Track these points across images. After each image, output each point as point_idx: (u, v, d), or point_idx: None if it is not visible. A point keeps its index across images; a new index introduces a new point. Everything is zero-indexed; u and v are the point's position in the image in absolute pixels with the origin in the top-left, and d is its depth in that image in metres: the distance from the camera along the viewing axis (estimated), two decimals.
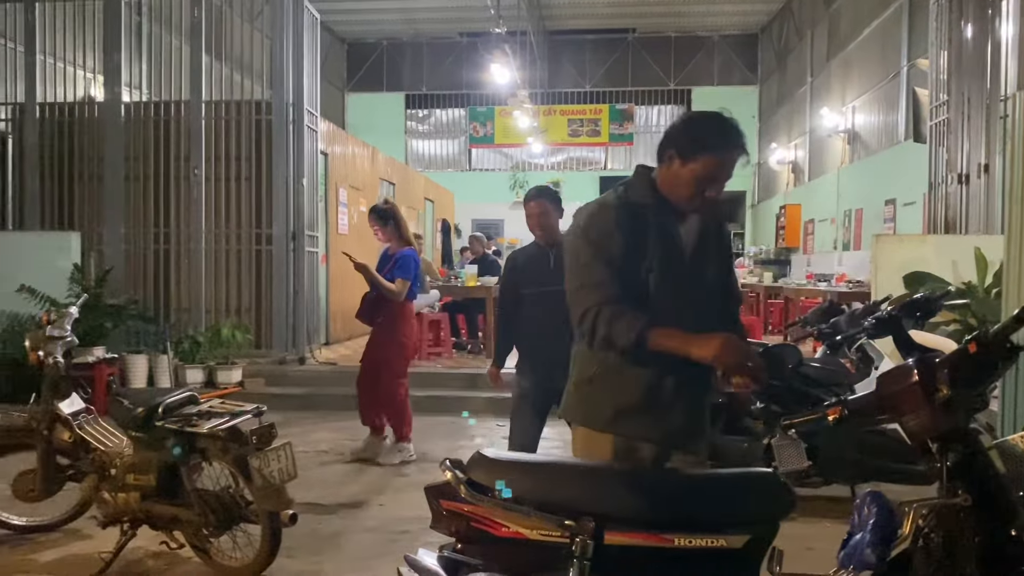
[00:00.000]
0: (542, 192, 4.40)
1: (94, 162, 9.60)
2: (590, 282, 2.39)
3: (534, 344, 4.32)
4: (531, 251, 4.48)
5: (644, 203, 2.44)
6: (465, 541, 2.18)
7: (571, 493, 2.12)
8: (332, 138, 11.28)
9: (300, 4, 9.26)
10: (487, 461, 2.21)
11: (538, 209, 4.31)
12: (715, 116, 2.44)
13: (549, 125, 21.34)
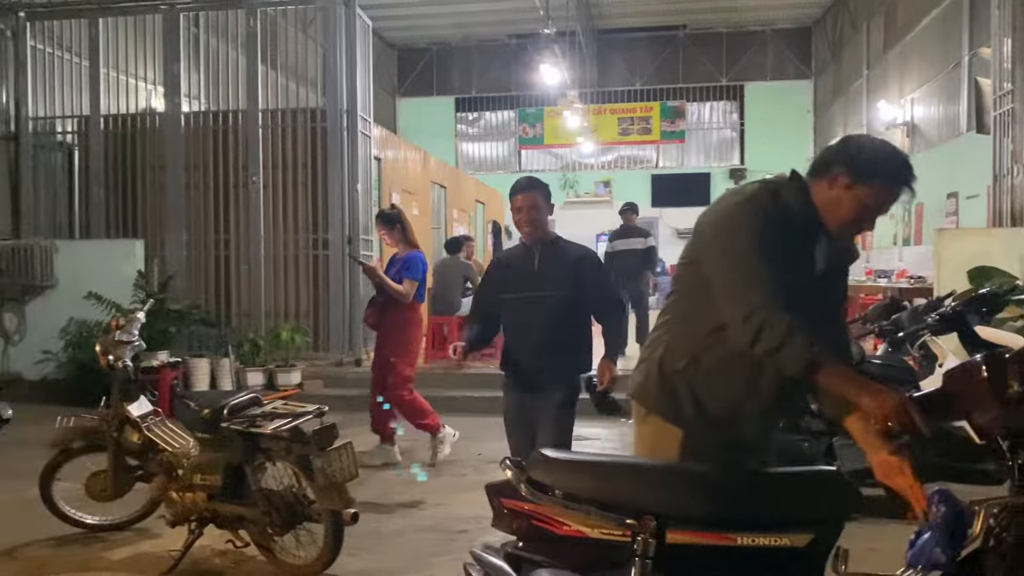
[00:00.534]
0: (533, 184, 3.86)
1: (156, 171, 9.87)
2: (753, 275, 2.19)
3: (519, 356, 3.86)
4: (517, 251, 3.99)
5: (797, 211, 2.31)
6: (526, 539, 2.19)
7: (632, 492, 2.12)
8: (385, 143, 11.41)
9: (352, 12, 9.40)
10: (547, 460, 2.23)
11: (528, 202, 3.77)
12: (894, 148, 2.34)
13: (599, 124, 21.28)
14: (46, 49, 10.05)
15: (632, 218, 10.48)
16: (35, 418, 6.45)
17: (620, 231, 10.43)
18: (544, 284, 3.73)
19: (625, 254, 10.25)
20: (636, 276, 10.17)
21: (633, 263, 10.18)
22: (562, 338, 3.77)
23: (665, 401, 2.42)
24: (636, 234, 10.37)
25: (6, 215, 9.69)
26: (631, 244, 10.20)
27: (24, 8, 9.70)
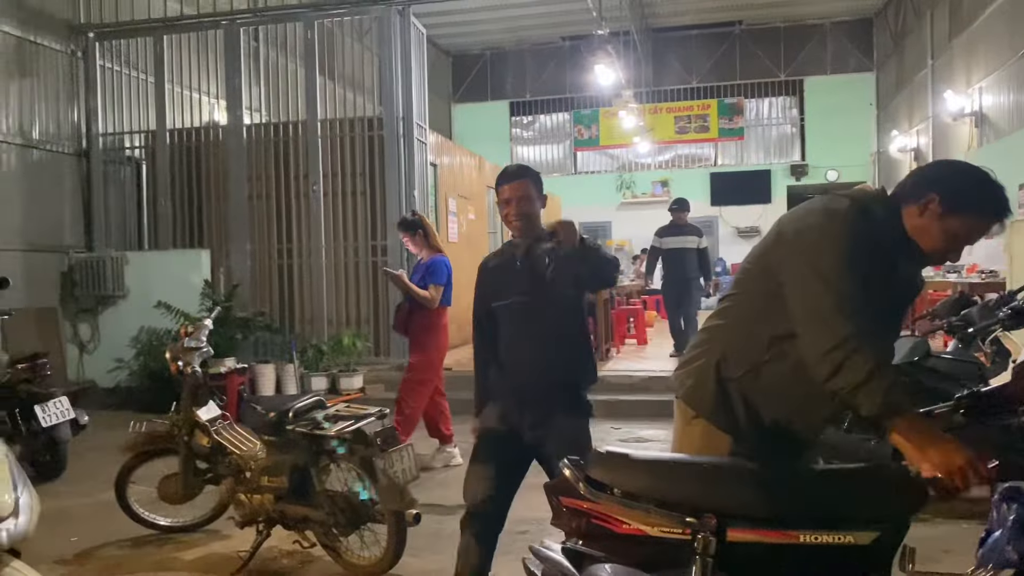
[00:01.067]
0: (524, 171, 3.26)
1: (220, 183, 10.14)
2: (844, 304, 2.11)
3: (508, 374, 3.24)
4: (504, 252, 3.38)
5: (887, 235, 2.24)
6: (585, 537, 2.20)
7: (692, 490, 2.11)
8: (440, 149, 11.52)
9: (407, 21, 9.51)
10: (605, 458, 2.23)
11: (518, 192, 3.17)
12: (988, 177, 2.25)
13: (656, 123, 21.10)
14: (114, 67, 10.41)
15: (683, 216, 9.90)
16: (109, 424, 6.70)
17: (670, 227, 9.95)
18: (534, 285, 3.12)
19: (675, 253, 9.76)
20: (686, 278, 9.72)
21: (684, 264, 9.70)
22: (564, 352, 3.18)
23: (718, 408, 2.40)
24: (689, 231, 9.86)
25: (79, 229, 10.05)
26: (683, 242, 9.73)
27: (94, 29, 10.05)
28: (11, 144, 9.03)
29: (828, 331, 2.09)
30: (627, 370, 9.09)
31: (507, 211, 3.22)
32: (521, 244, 3.22)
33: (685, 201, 10.19)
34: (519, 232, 3.22)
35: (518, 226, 3.22)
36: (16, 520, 2.55)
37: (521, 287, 3.16)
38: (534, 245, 3.13)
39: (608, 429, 7.52)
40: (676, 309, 9.92)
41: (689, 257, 9.70)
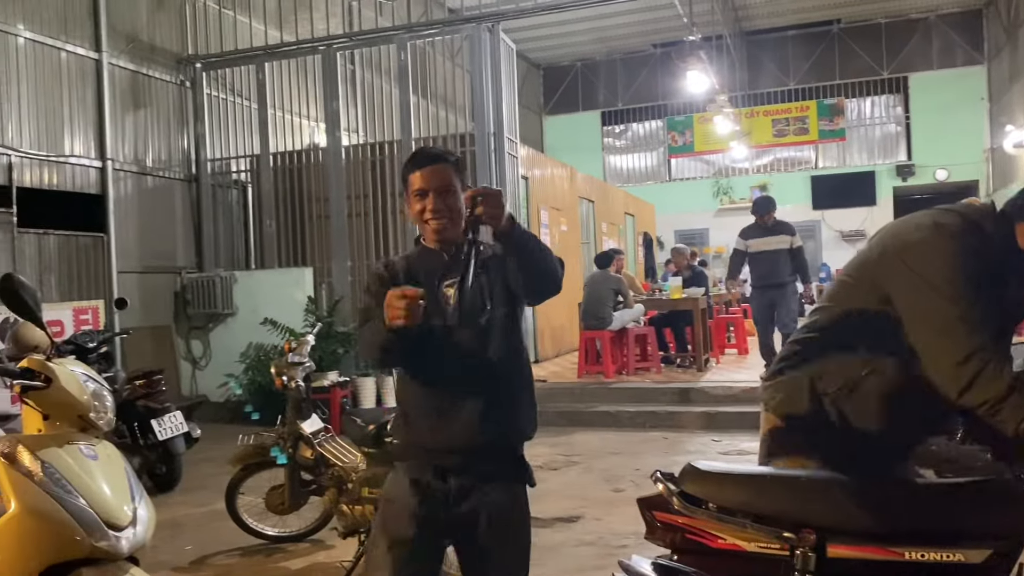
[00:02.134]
0: (442, 155, 2.40)
1: (320, 203, 10.47)
2: (972, 316, 2.02)
3: (424, 427, 2.35)
4: (421, 257, 2.43)
5: (1001, 255, 2.16)
6: (680, 552, 2.17)
7: (790, 504, 2.06)
8: (531, 162, 11.60)
9: (496, 37, 9.63)
10: (699, 473, 2.20)
11: (437, 181, 2.32)
12: None
13: (752, 127, 20.67)
14: (220, 95, 10.90)
15: (769, 216, 8.74)
16: (219, 437, 6.99)
17: (755, 227, 8.78)
18: (466, 305, 2.24)
19: (765, 257, 8.61)
20: (779, 283, 8.57)
21: (775, 266, 8.55)
22: (501, 395, 2.34)
23: (812, 425, 2.33)
24: (779, 230, 8.70)
25: (190, 251, 10.55)
26: (772, 242, 8.59)
27: (200, 59, 10.56)
28: (128, 172, 9.57)
29: (955, 345, 2.00)
30: (727, 381, 8.91)
31: (422, 206, 2.33)
32: (439, 252, 2.37)
33: (768, 200, 8.99)
34: (439, 234, 2.34)
35: (437, 227, 2.32)
36: (134, 529, 2.69)
37: (443, 310, 2.28)
38: (459, 253, 2.20)
39: (708, 441, 7.39)
40: (768, 322, 8.64)
41: (781, 259, 8.56)
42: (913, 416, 2.24)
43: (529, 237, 2.19)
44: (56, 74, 8.71)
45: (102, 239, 9.13)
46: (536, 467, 6.27)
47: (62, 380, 2.76)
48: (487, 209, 2.04)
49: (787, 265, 8.63)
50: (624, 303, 9.55)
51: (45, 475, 2.61)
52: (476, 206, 2.05)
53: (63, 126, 8.77)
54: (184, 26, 10.53)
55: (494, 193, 2.07)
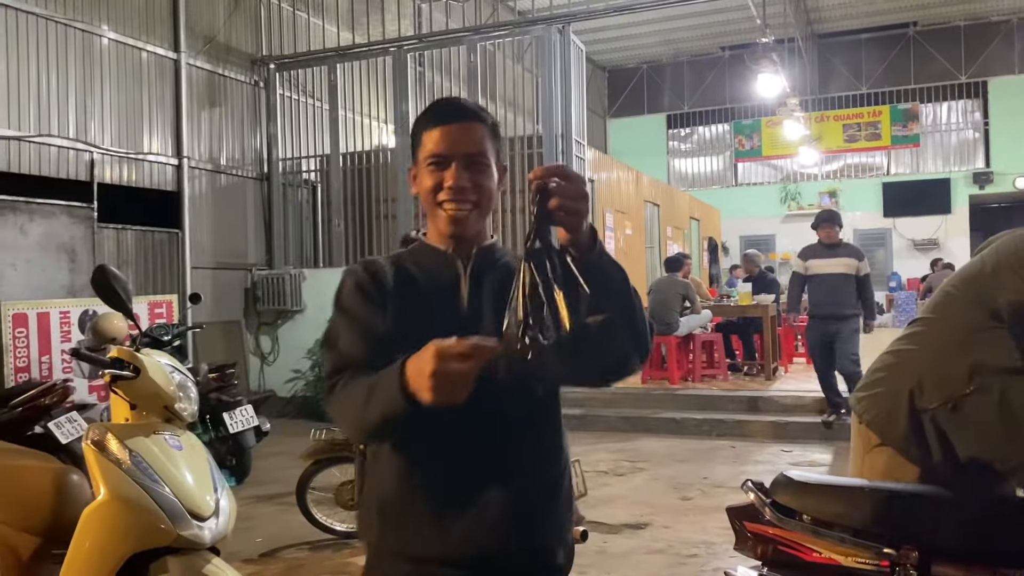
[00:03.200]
0: (475, 111, 1.64)
1: (388, 203, 10.56)
2: None
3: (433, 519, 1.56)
4: (422, 261, 1.66)
5: None
6: (772, 565, 2.11)
7: (891, 519, 1.98)
8: (597, 165, 11.52)
9: (567, 39, 9.59)
10: (793, 483, 2.13)
11: (469, 144, 1.59)
12: None
13: (822, 132, 20.22)
14: (292, 96, 11.09)
15: (834, 231, 7.56)
16: (288, 431, 7.09)
17: (816, 247, 7.66)
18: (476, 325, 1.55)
19: (825, 281, 7.43)
20: (840, 314, 7.35)
21: (837, 294, 7.36)
22: (525, 451, 1.59)
23: (910, 439, 2.25)
24: (844, 252, 7.57)
25: (261, 248, 10.74)
26: (835, 265, 7.44)
27: (274, 60, 10.76)
28: (202, 169, 9.80)
29: None
30: (797, 390, 8.71)
31: (438, 179, 1.58)
32: (468, 266, 1.63)
33: (831, 214, 7.77)
34: (457, 226, 1.59)
35: (458, 215, 1.58)
36: (216, 520, 2.73)
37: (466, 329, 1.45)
38: (484, 268, 1.62)
39: (778, 452, 7.23)
40: (826, 356, 7.45)
41: (843, 285, 7.37)
42: (1019, 435, 2.14)
43: (615, 267, 1.44)
44: (137, 74, 8.96)
45: (177, 235, 9.35)
46: (601, 472, 6.23)
47: (150, 371, 2.82)
48: (565, 201, 1.32)
49: (850, 294, 7.38)
50: (691, 308, 9.42)
51: (133, 463, 2.66)
52: (547, 196, 1.32)
53: (142, 124, 9.01)
54: (259, 27, 10.73)
55: (574, 177, 1.36)
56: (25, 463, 3.18)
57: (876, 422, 2.35)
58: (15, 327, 7.19)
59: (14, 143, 7.58)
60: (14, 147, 7.59)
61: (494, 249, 1.67)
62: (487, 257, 1.63)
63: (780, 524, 2.05)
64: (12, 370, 7.11)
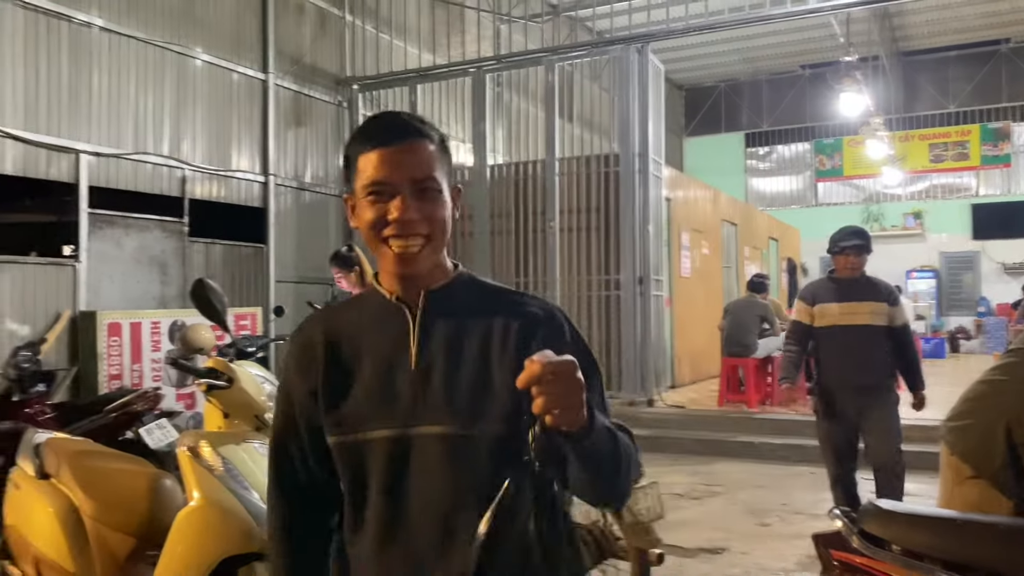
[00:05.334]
0: (421, 128, 1.45)
1: (465, 220, 10.69)
2: None
3: None
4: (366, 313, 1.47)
5: None
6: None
7: (985, 553, 1.92)
8: (674, 183, 11.45)
9: (645, 58, 9.59)
10: (882, 512, 2.09)
11: (416, 168, 1.39)
12: None
13: (907, 152, 19.66)
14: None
15: (860, 261, 4.83)
16: None
17: (828, 286, 5.01)
18: (439, 402, 1.37)
19: (842, 335, 4.81)
20: (868, 386, 4.75)
21: (862, 354, 4.74)
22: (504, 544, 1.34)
23: (1006, 473, 2.19)
24: (868, 293, 4.86)
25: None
26: (857, 313, 4.80)
27: (357, 81, 11.04)
28: (287, 187, 10.10)
29: None
30: None
31: (380, 212, 1.38)
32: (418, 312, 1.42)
33: (864, 232, 4.99)
34: (406, 266, 1.40)
35: (407, 251, 1.38)
36: None
37: (417, 409, 1.37)
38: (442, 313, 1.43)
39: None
40: (843, 448, 4.94)
41: (870, 341, 4.75)
42: None
43: (606, 439, 1.28)
44: (227, 94, 9.30)
45: (262, 249, 9.65)
46: (676, 495, 6.17)
47: (242, 381, 2.93)
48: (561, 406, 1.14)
49: (881, 354, 4.77)
50: (770, 330, 9.24)
51: (225, 470, 2.76)
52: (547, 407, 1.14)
53: (231, 143, 9.35)
54: (343, 49, 11.03)
55: (566, 370, 1.15)
56: (123, 467, 3.33)
57: (969, 454, 2.29)
58: (109, 336, 7.52)
59: (113, 160, 7.96)
60: (113, 164, 7.97)
61: (451, 289, 1.44)
62: (441, 301, 1.42)
63: (868, 553, 2.01)
64: (106, 377, 7.43)
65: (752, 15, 9.79)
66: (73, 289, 7.54)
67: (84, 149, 7.65)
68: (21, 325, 7.12)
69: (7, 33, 7.08)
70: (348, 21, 11.02)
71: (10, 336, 7.01)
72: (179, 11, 8.67)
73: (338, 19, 10.93)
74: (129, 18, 8.13)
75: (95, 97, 7.79)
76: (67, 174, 7.56)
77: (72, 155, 7.56)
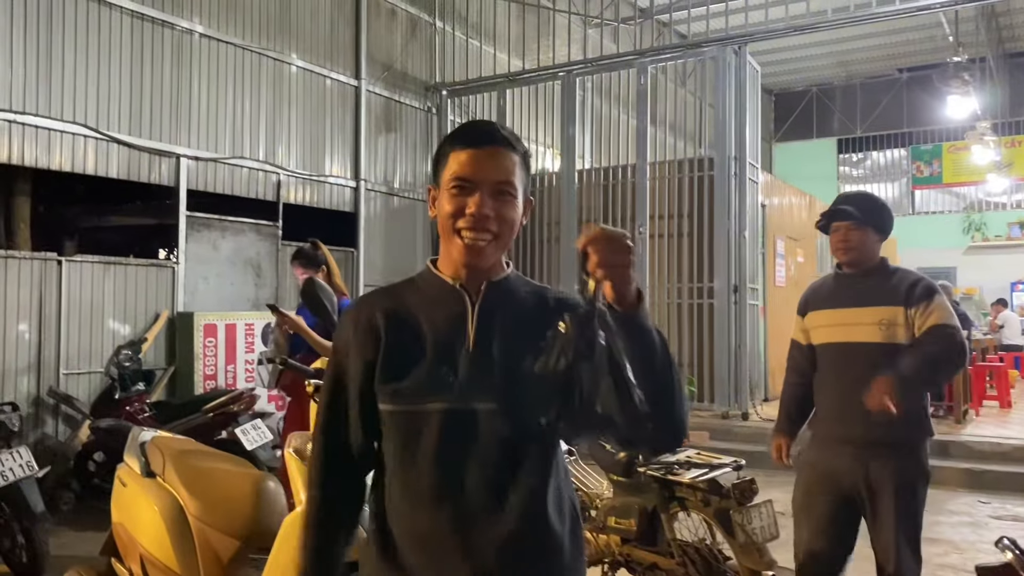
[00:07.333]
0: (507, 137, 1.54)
1: (551, 225, 10.58)
2: None
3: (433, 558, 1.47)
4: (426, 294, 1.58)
5: None
6: None
7: None
8: (770, 189, 11.10)
9: (742, 59, 9.31)
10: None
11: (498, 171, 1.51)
12: None
13: (1014, 158, 18.70)
14: (461, 122, 11.34)
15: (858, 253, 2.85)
16: None
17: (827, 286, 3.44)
18: (493, 381, 1.47)
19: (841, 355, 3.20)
20: (876, 443, 3.05)
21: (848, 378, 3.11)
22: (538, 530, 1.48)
23: None
24: (879, 294, 3.15)
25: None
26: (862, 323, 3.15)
27: (446, 87, 11.05)
28: (377, 192, 10.16)
29: None
30: (992, 436, 7.97)
31: (459, 204, 1.48)
32: (477, 302, 1.52)
33: (859, 197, 3.40)
34: (473, 257, 1.50)
35: (476, 244, 1.48)
36: None
37: (470, 386, 1.46)
38: (497, 304, 1.53)
39: (973, 503, 6.61)
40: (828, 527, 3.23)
41: (877, 371, 2.96)
42: None
43: (655, 333, 1.36)
44: (321, 100, 9.41)
45: (352, 253, 9.72)
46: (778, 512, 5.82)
47: None
48: (612, 261, 1.29)
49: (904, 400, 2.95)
50: None
51: None
52: (600, 264, 1.29)
53: (324, 148, 9.45)
54: (433, 55, 11.07)
55: (619, 236, 1.31)
56: (227, 467, 3.30)
57: None
58: (205, 336, 7.65)
59: (210, 164, 8.12)
60: (210, 168, 8.13)
61: (508, 282, 1.56)
62: (499, 292, 1.54)
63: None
64: (201, 377, 7.56)
65: (858, 15, 9.38)
66: (172, 290, 7.71)
67: (184, 153, 7.82)
68: (123, 325, 7.31)
69: (115, 40, 7.29)
70: (438, 27, 11.05)
71: (112, 335, 7.20)
72: (275, 18, 8.81)
73: (428, 25, 10.97)
74: (227, 25, 8.29)
75: (195, 102, 7.97)
76: (167, 178, 7.74)
77: (173, 159, 7.74)
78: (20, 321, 6.60)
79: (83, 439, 6.44)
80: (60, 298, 6.83)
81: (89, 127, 7.04)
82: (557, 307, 1.49)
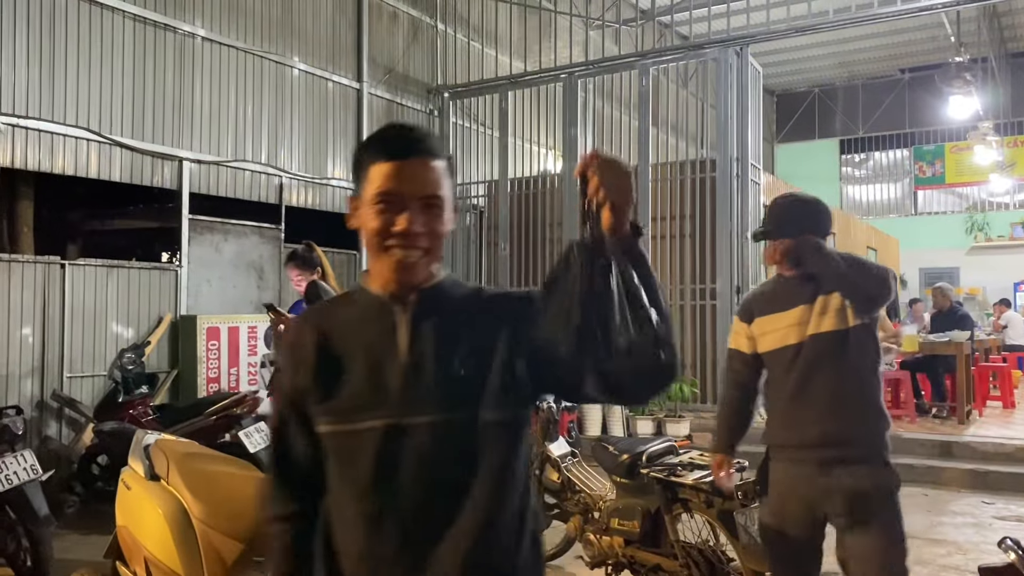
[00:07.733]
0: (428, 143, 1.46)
1: (552, 227, 10.58)
2: None
3: None
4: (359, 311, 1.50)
5: None
6: None
7: None
8: (773, 190, 11.08)
9: (744, 60, 9.31)
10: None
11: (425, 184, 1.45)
12: None
13: (1017, 158, 18.68)
14: (463, 123, 11.35)
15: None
16: None
17: (770, 291, 3.15)
18: (429, 392, 1.41)
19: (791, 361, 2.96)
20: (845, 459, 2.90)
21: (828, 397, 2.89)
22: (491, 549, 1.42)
23: None
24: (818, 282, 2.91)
25: None
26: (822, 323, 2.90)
27: (448, 90, 11.07)
28: None
29: None
30: (997, 437, 7.95)
31: (385, 221, 1.42)
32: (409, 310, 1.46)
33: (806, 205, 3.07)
34: (404, 273, 1.44)
35: (406, 260, 1.43)
36: None
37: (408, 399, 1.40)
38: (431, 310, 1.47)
39: (977, 503, 6.61)
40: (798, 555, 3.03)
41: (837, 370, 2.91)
42: None
43: (649, 266, 1.37)
44: (323, 103, 9.43)
45: (354, 256, 9.73)
46: None
47: None
48: (611, 183, 1.30)
49: (865, 391, 2.99)
50: None
51: None
52: (599, 186, 1.29)
53: (326, 151, 9.47)
54: (435, 58, 11.08)
55: (615, 159, 1.32)
56: (231, 470, 3.31)
57: None
58: (208, 339, 7.66)
59: (213, 167, 8.13)
60: (213, 171, 8.14)
61: (441, 288, 1.50)
62: (431, 300, 1.47)
63: None
64: (204, 380, 7.57)
65: (859, 15, 9.38)
66: (175, 293, 7.72)
67: (186, 156, 7.84)
68: (126, 328, 7.32)
69: (118, 44, 7.31)
70: (440, 30, 11.07)
71: (116, 338, 7.21)
72: (277, 21, 8.83)
73: (430, 28, 10.99)
74: (230, 28, 8.31)
75: (197, 105, 7.99)
76: (170, 181, 7.76)
77: (175, 162, 7.76)
78: (24, 324, 6.62)
79: (87, 442, 6.45)
80: (63, 301, 6.85)
81: (92, 131, 7.05)
82: (495, 303, 1.49)
